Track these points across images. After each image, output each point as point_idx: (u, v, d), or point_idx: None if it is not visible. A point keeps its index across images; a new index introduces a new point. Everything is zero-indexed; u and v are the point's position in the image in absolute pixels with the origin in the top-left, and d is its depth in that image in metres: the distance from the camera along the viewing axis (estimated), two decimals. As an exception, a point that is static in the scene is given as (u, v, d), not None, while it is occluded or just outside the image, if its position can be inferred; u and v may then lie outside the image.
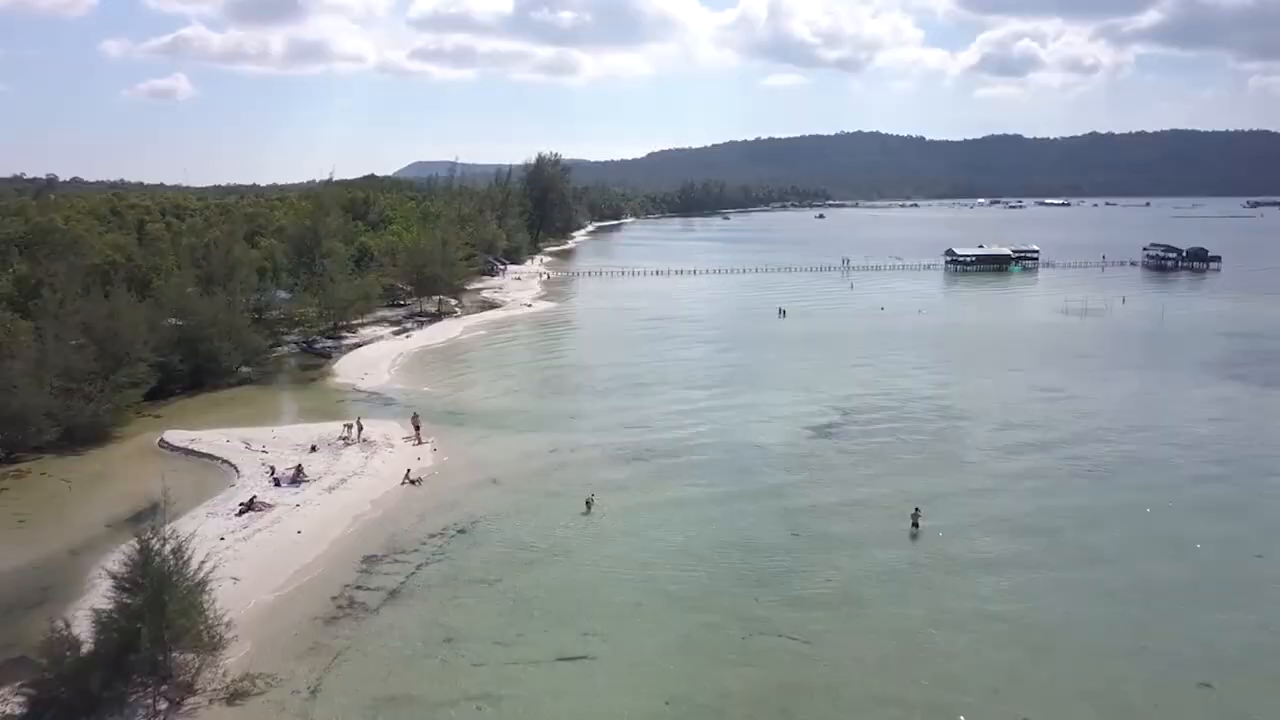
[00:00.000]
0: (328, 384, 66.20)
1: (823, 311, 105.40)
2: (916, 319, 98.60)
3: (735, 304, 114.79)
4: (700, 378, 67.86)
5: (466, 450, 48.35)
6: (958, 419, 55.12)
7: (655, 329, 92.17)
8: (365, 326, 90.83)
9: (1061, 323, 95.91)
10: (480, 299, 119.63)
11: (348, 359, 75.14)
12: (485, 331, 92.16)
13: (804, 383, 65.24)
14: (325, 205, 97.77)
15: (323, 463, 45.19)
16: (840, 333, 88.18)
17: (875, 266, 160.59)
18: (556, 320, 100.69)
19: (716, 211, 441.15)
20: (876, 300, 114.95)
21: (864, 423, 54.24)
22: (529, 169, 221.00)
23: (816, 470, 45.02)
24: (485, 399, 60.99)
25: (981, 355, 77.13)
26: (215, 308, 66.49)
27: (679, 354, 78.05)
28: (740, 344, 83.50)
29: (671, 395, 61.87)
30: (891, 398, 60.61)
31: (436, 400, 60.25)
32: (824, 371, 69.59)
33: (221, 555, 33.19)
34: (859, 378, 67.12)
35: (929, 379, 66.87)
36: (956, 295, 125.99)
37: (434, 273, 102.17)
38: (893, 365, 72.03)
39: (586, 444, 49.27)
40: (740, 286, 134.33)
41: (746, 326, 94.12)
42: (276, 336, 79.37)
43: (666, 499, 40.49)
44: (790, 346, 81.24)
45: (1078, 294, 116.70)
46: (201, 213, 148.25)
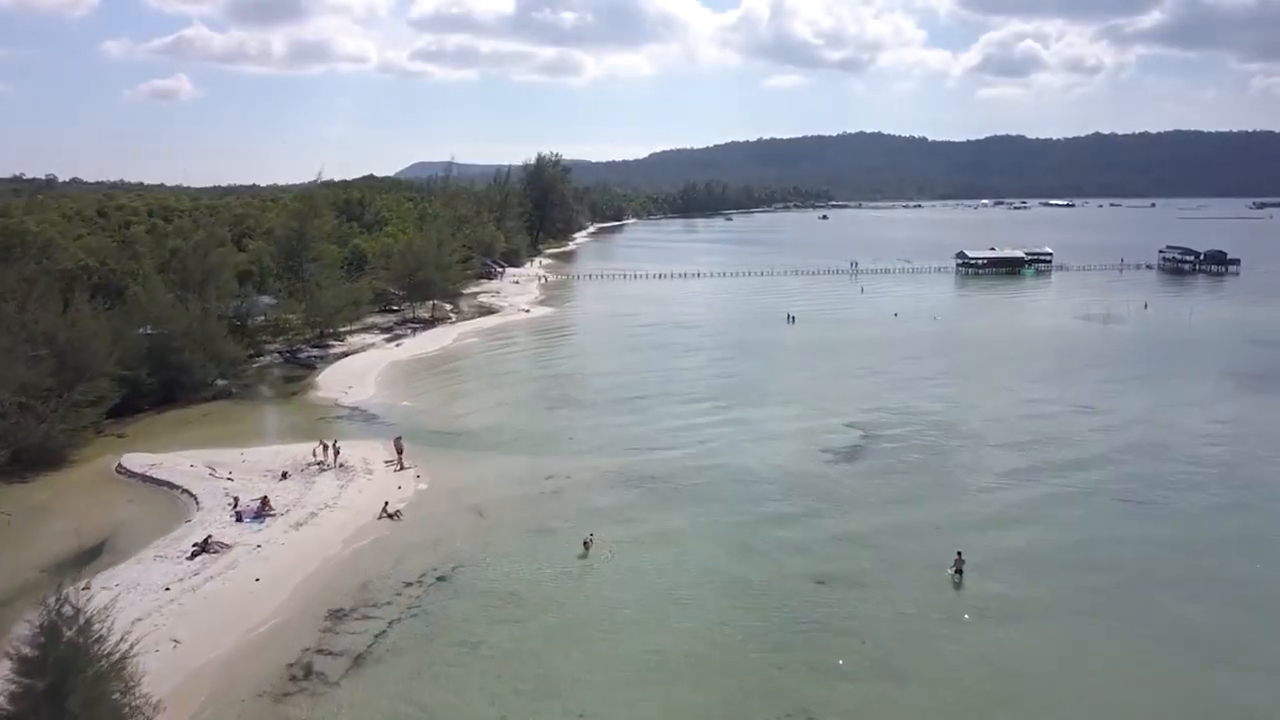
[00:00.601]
0: (309, 398, 61.94)
1: (833, 317, 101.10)
2: (931, 326, 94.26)
3: (741, 309, 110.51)
4: (706, 390, 63.61)
5: (452, 476, 44.09)
6: (984, 438, 50.80)
7: (657, 336, 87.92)
8: (355, 334, 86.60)
9: (1083, 330, 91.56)
10: (477, 303, 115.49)
11: (333, 370, 70.91)
12: (480, 339, 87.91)
13: (816, 396, 60.95)
14: (313, 206, 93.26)
15: (293, 492, 40.93)
16: (852, 341, 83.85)
17: (884, 269, 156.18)
18: (554, 327, 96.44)
19: (719, 212, 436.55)
20: (887, 305, 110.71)
21: (884, 443, 49.94)
22: (529, 169, 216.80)
23: (837, 500, 40.72)
24: (476, 415, 56.72)
25: (1003, 366, 72.79)
26: (189, 316, 62.28)
27: (682, 363, 73.78)
28: (747, 353, 79.24)
29: (675, 410, 57.61)
30: (912, 414, 56.31)
31: (423, 416, 55.99)
32: (837, 384, 65.28)
33: (164, 611, 29.06)
34: (875, 391, 62.83)
35: (950, 393, 62.54)
36: (970, 300, 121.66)
37: (428, 277, 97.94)
38: (911, 377, 67.71)
39: (584, 468, 45.00)
40: (745, 290, 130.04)
41: (753, 333, 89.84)
42: (258, 346, 75.27)
43: (673, 538, 36.20)
44: (800, 356, 76.94)
45: (1097, 299, 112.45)
46: (190, 214, 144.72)
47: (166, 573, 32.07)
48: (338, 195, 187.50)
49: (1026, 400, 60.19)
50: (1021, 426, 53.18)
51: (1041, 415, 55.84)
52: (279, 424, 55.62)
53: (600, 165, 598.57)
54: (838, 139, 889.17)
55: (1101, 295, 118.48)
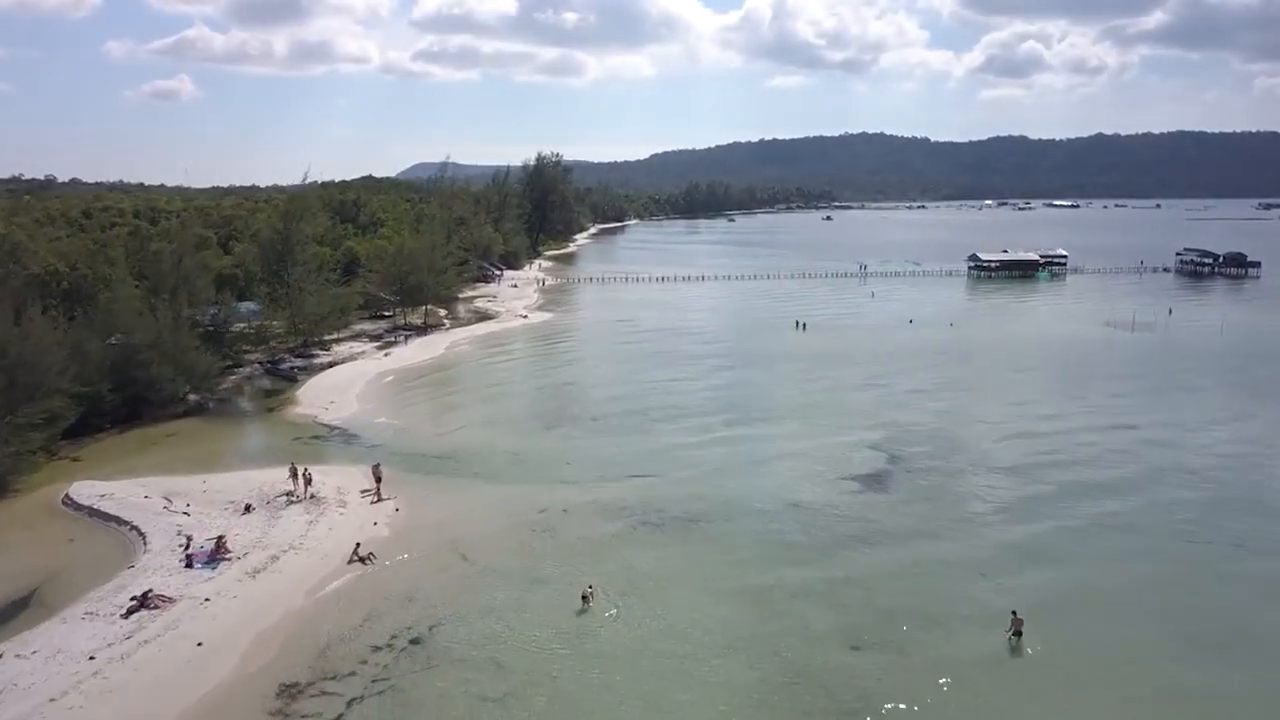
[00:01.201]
0: (286, 415, 57.39)
1: (844, 324, 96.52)
2: (949, 333, 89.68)
3: (747, 314, 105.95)
4: (713, 405, 59.10)
5: (435, 508, 39.58)
6: (1021, 461, 46.28)
7: (661, 345, 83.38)
8: (342, 342, 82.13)
9: (1110, 338, 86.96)
10: (473, 309, 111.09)
11: (315, 382, 66.40)
12: (473, 348, 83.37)
13: (832, 413, 56.41)
14: (298, 208, 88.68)
15: (255, 529, 36.43)
16: (868, 350, 79.28)
17: (894, 272, 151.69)
18: (553, 334, 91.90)
19: (721, 213, 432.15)
20: (900, 310, 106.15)
21: (910, 467, 45.42)
22: (528, 169, 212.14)
23: (865, 537, 36.21)
24: (465, 434, 52.17)
25: (1032, 379, 68.23)
26: (159, 326, 57.74)
27: (688, 375, 69.23)
28: (756, 363, 74.69)
29: (681, 428, 53.09)
30: (938, 433, 51.78)
31: (408, 436, 51.47)
32: (854, 398, 60.74)
33: (83, 688, 24.56)
34: (895, 407, 58.30)
35: (978, 409, 57.98)
36: (986, 305, 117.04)
37: (420, 281, 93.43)
38: (933, 390, 63.19)
39: (581, 499, 40.49)
40: (751, 294, 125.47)
41: (762, 342, 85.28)
42: (237, 356, 70.78)
43: (684, 588, 31.65)
44: (813, 366, 72.37)
45: (1120, 305, 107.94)
46: (177, 215, 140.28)
47: (94, 635, 27.55)
48: (332, 196, 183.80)
49: (1061, 417, 55.64)
50: (1059, 447, 48.67)
51: (1080, 434, 51.31)
52: (250, 446, 51.07)
53: (602, 166, 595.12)
54: (840, 139, 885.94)
55: (1123, 300, 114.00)
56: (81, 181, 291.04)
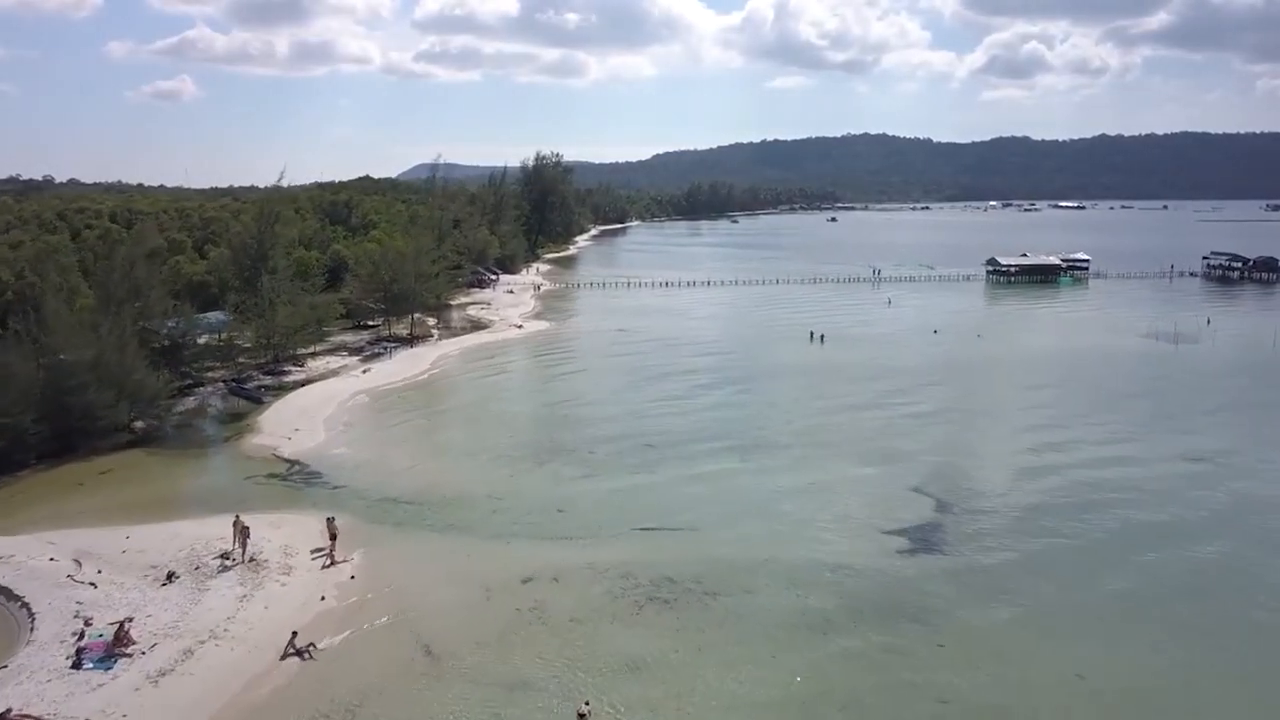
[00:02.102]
0: (243, 446, 50.53)
1: (863, 334, 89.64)
2: (980, 346, 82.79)
3: (757, 323, 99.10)
4: (727, 434, 52.26)
5: (400, 575, 32.77)
6: (1097, 508, 39.47)
7: (665, 359, 76.55)
8: (319, 356, 75.34)
9: (1154, 352, 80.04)
10: (465, 317, 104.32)
11: (283, 405, 59.58)
12: (463, 362, 76.52)
13: (866, 445, 49.56)
14: (274, 210, 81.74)
15: (174, 607, 29.63)
16: (893, 366, 72.45)
17: (908, 277, 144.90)
18: (549, 346, 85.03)
19: (723, 214, 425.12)
20: (921, 319, 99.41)
21: (966, 518, 38.59)
22: (527, 169, 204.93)
23: (927, 621, 29.39)
24: (444, 471, 45.35)
25: (1086, 401, 61.28)
26: (102, 344, 50.90)
27: (696, 397, 62.44)
28: (772, 381, 67.89)
29: (693, 464, 46.31)
30: (994, 470, 44.99)
31: (377, 475, 44.65)
32: (888, 427, 53.85)
33: None
34: (937, 437, 51.48)
35: (1033, 438, 51.04)
36: (1011, 313, 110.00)
37: (407, 288, 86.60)
38: (977, 415, 56.43)
39: (576, 563, 33.68)
40: (759, 301, 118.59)
41: (775, 354, 78.45)
42: (198, 375, 64.01)
43: (709, 700, 24.80)
44: (836, 385, 65.54)
45: (1154, 313, 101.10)
46: (156, 217, 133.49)
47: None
48: (323, 197, 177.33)
49: (1127, 447, 48.96)
50: (1136, 486, 41.94)
51: (1155, 468, 44.60)
52: (192, 488, 44.15)
53: (603, 167, 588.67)
54: (842, 140, 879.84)
55: (1154, 308, 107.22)
56: (80, 182, 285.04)
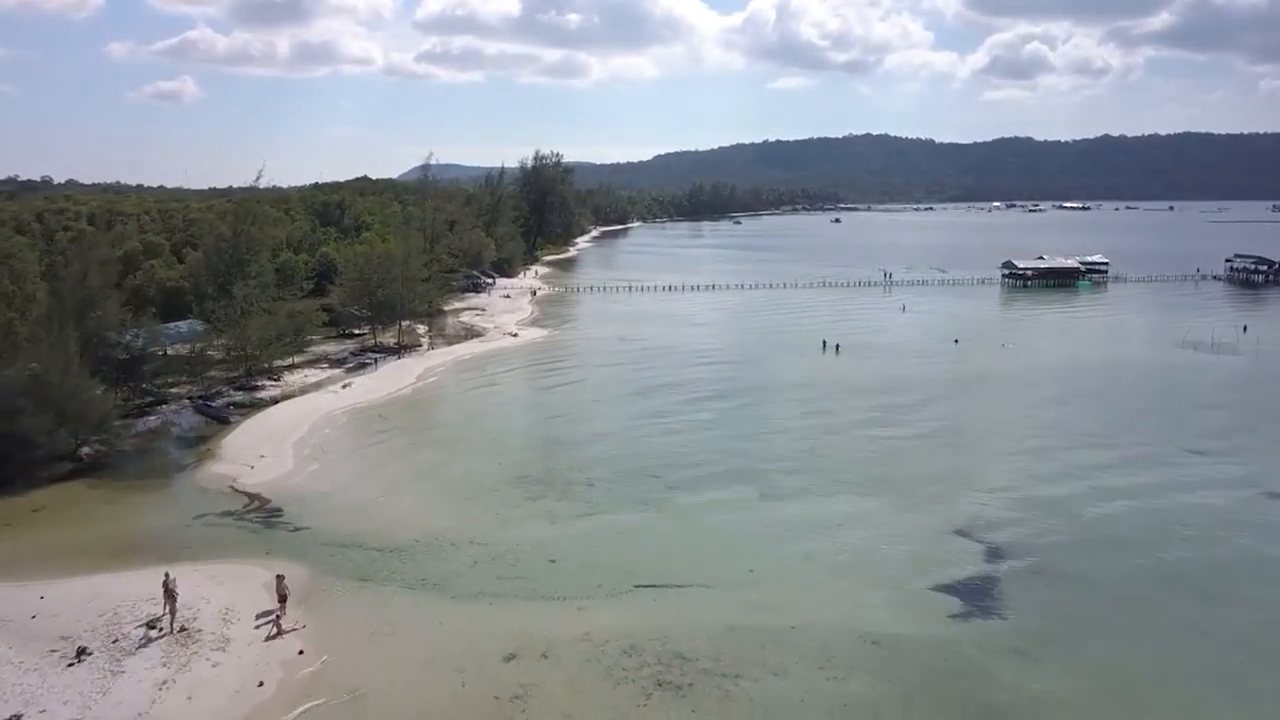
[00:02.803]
0: (199, 476, 45.15)
1: (880, 345, 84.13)
2: (1006, 357, 77.31)
3: (765, 331, 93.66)
4: (740, 462, 46.91)
5: (357, 650, 27.40)
6: (1195, 549, 34.17)
7: (669, 370, 71.20)
8: (297, 369, 70.02)
9: (1196, 363, 74.53)
10: (458, 324, 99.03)
11: (251, 425, 54.22)
12: (452, 375, 71.10)
13: (901, 477, 44.13)
14: (249, 212, 76.22)
15: (77, 696, 24.29)
16: (917, 381, 67.04)
17: (920, 280, 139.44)
18: (545, 357, 79.58)
19: (726, 215, 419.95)
20: (939, 327, 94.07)
21: (1033, 574, 33.12)
22: (525, 169, 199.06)
23: (997, 712, 24.03)
24: (421, 510, 39.95)
25: (1135, 421, 55.74)
26: (43, 361, 45.56)
27: (703, 416, 57.04)
28: (785, 398, 62.47)
29: (704, 500, 40.98)
30: (1048, 508, 39.51)
31: (346, 512, 39.29)
32: (925, 454, 48.39)
33: None
34: (978, 466, 46.09)
35: (1088, 464, 45.52)
36: (1033, 320, 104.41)
37: (393, 295, 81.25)
38: (1023, 442, 50.80)
39: (571, 634, 28.28)
40: (766, 307, 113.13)
41: (787, 367, 73.00)
42: (160, 392, 58.67)
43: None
44: (856, 402, 60.12)
45: (1183, 320, 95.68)
46: (136, 219, 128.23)
47: None
48: (315, 197, 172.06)
49: (1198, 471, 43.68)
50: (1230, 523, 36.52)
51: (1240, 495, 39.20)
52: (131, 530, 38.71)
53: (604, 167, 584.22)
54: (844, 141, 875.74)
55: (1182, 314, 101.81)
56: (78, 183, 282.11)
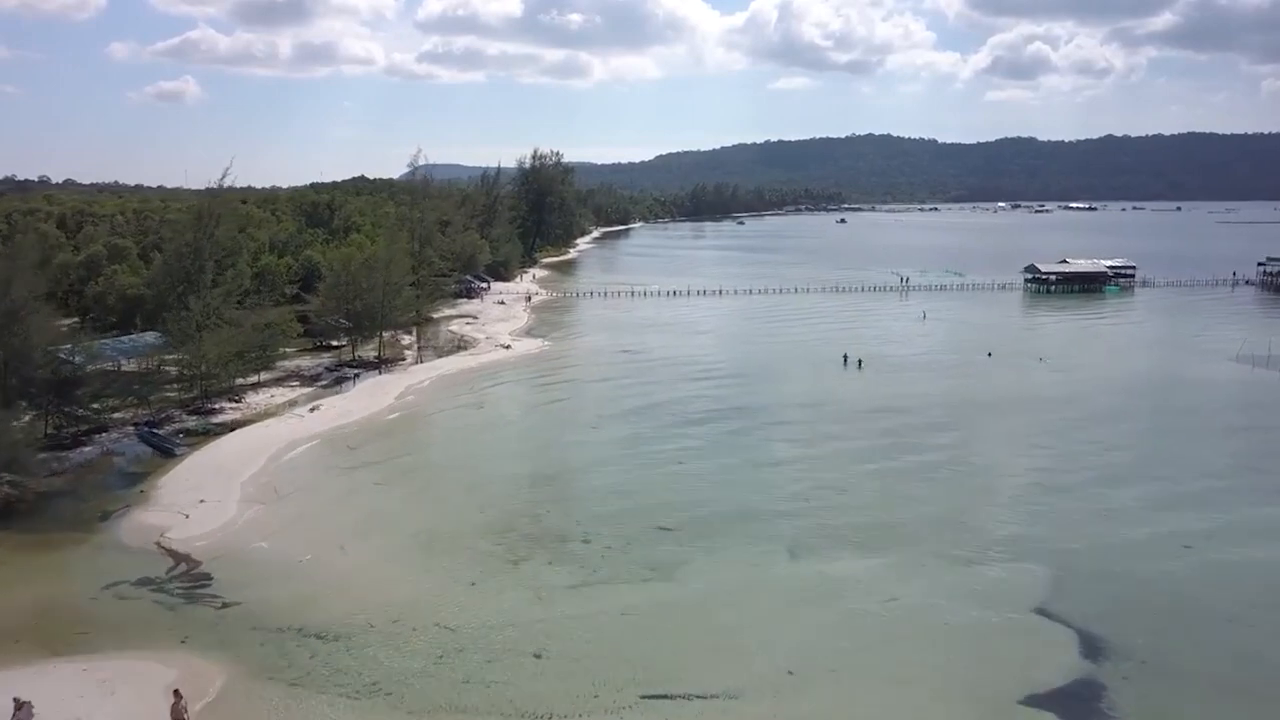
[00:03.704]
0: (125, 527, 38.14)
1: (903, 358, 77.11)
2: (1046, 373, 70.25)
3: (780, 343, 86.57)
4: (761, 509, 39.96)
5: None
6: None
7: (675, 390, 64.21)
8: (264, 387, 63.24)
9: (1258, 381, 67.31)
10: (447, 334, 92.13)
11: (199, 457, 47.27)
12: (434, 395, 64.06)
13: (958, 534, 37.05)
14: (214, 214, 69.05)
15: None
16: (957, 403, 60.05)
17: (938, 285, 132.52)
18: (539, 373, 72.61)
19: (729, 215, 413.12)
20: (966, 338, 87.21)
21: (1156, 674, 26.21)
22: (523, 168, 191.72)
23: None
24: (380, 579, 32.93)
25: (1214, 453, 48.82)
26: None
27: (717, 448, 50.03)
28: (811, 426, 55.37)
29: (718, 564, 34.08)
30: (1157, 580, 32.52)
31: (289, 582, 32.33)
32: (980, 504, 41.28)
33: None
34: (1055, 519, 38.92)
35: (1186, 515, 38.54)
36: (1065, 330, 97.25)
37: (373, 303, 74.26)
38: (1097, 484, 43.39)
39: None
40: (778, 314, 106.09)
41: (805, 386, 65.96)
42: (100, 418, 51.71)
43: None
44: (891, 431, 53.03)
45: (1225, 329, 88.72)
46: (111, 219, 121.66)
47: None
48: (304, 198, 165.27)
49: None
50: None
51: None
52: (19, 605, 31.48)
53: (605, 168, 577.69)
54: (846, 141, 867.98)
55: (1228, 324, 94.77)
56: (76, 182, 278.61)
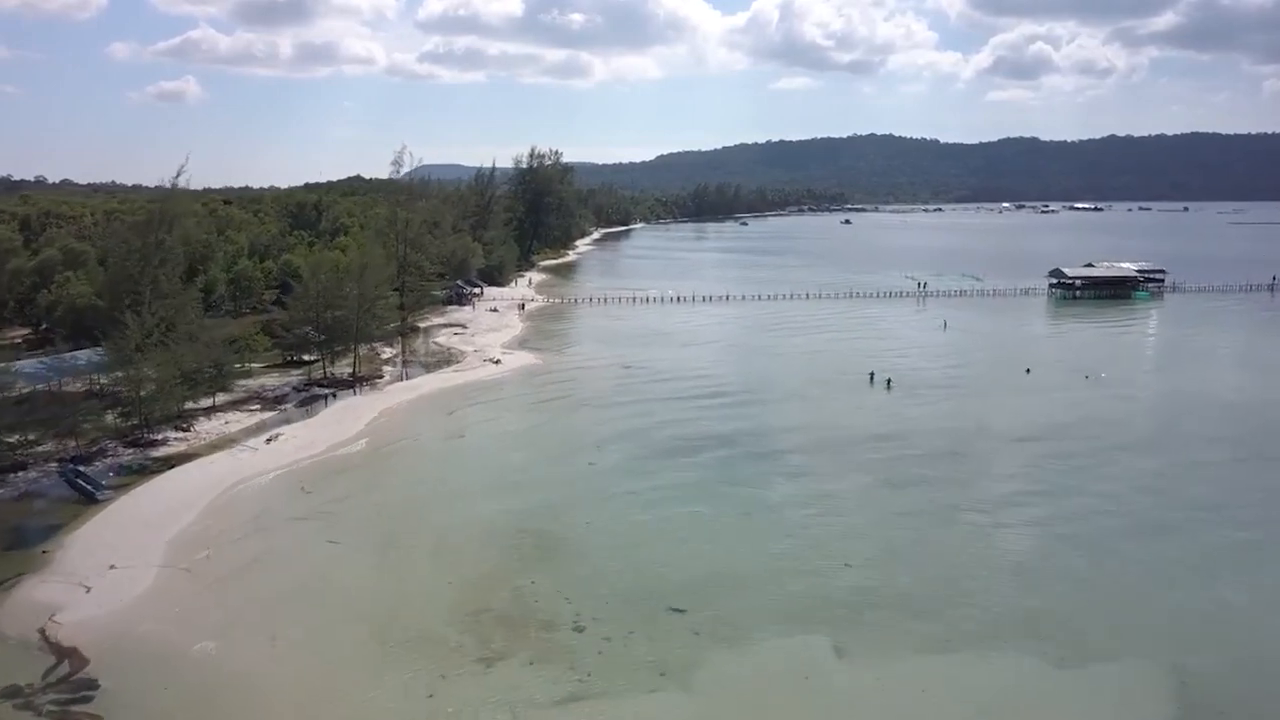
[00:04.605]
0: (8, 605, 30.85)
1: (936, 375, 69.68)
2: (1102, 393, 62.86)
3: (793, 356, 79.12)
4: (797, 583, 32.67)
5: None
6: None
7: (683, 415, 56.74)
8: (219, 411, 55.91)
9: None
10: (433, 346, 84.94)
11: (121, 506, 39.94)
12: (409, 422, 56.46)
13: (1052, 618, 29.78)
14: (164, 217, 61.58)
15: None
16: (1004, 431, 52.64)
17: (956, 290, 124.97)
18: (529, 394, 65.17)
19: (731, 216, 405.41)
20: (995, 348, 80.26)
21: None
22: (519, 167, 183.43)
23: None
24: (318, 687, 25.64)
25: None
26: None
27: (737, 495, 42.68)
28: (844, 465, 47.73)
29: (744, 666, 26.83)
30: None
31: (189, 693, 25.02)
32: (1083, 574, 34.03)
33: None
34: (1177, 594, 31.70)
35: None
36: (1103, 340, 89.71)
37: (346, 316, 66.90)
38: (1227, 554, 36.45)
39: None
40: (790, 322, 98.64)
41: (833, 411, 58.52)
42: (17, 454, 44.38)
43: None
44: (940, 472, 45.69)
45: (1273, 339, 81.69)
46: (77, 221, 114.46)
47: None
48: (291, 198, 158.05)
49: None
50: None
51: None
52: None
53: (606, 168, 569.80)
54: (848, 141, 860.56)
55: (1268, 331, 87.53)
56: (73, 183, 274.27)
